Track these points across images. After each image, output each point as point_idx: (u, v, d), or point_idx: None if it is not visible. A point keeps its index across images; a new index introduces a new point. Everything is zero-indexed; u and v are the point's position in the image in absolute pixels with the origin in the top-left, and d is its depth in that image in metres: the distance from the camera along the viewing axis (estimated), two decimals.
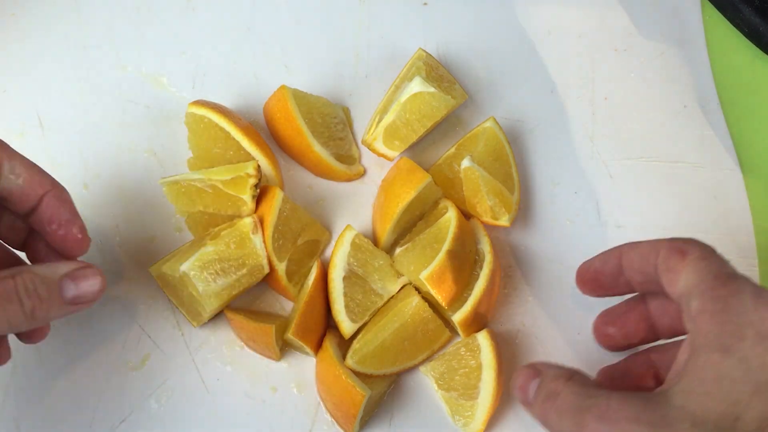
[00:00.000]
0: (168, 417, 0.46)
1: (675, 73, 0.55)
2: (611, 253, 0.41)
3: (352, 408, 0.43)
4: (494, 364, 0.44)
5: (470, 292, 0.46)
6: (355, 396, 0.43)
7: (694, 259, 0.35)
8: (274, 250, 0.46)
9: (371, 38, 0.55)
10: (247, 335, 0.47)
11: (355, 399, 0.43)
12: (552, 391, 0.36)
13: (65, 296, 0.36)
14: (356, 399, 0.43)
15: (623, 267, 0.41)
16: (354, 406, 0.43)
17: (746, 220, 0.51)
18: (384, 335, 0.45)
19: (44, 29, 0.55)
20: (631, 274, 0.40)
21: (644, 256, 0.39)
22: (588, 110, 0.54)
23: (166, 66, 0.54)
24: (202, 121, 0.49)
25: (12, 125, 0.52)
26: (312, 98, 0.51)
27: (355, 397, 0.43)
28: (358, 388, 0.43)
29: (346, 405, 0.43)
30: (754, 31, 0.54)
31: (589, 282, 0.43)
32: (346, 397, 0.43)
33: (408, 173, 0.48)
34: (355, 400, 0.43)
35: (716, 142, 0.53)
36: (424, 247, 0.47)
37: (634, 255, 0.40)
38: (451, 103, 0.49)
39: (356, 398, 0.43)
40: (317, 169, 0.51)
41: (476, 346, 0.45)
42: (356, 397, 0.43)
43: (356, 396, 0.43)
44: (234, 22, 0.55)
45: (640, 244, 0.40)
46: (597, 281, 0.43)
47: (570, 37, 0.56)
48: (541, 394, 0.37)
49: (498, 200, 0.48)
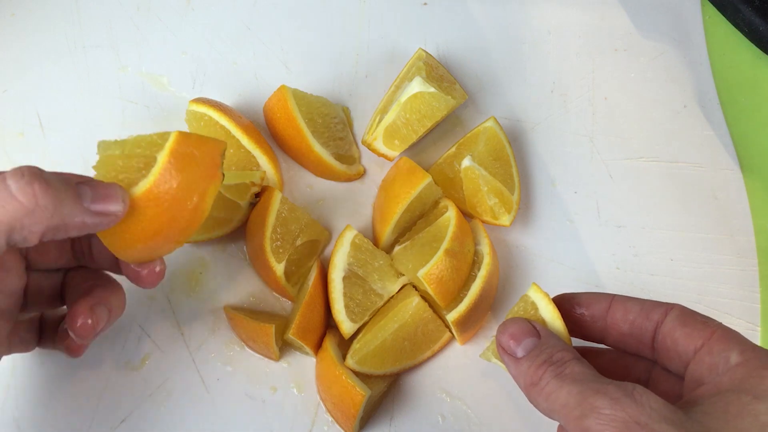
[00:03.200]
0: (168, 417, 0.46)
1: (675, 73, 0.55)
2: (601, 297, 0.41)
3: (352, 408, 0.43)
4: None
5: (467, 292, 0.46)
6: (355, 396, 0.43)
7: (722, 325, 0.36)
8: (272, 251, 0.46)
9: (371, 38, 0.55)
10: (247, 335, 0.47)
11: (355, 399, 0.43)
12: (558, 358, 0.35)
13: (83, 200, 0.35)
14: (356, 399, 0.43)
15: (610, 314, 0.40)
16: (354, 406, 0.43)
17: (746, 220, 0.51)
18: (384, 335, 0.45)
19: (44, 29, 0.55)
20: (617, 323, 0.40)
21: (646, 309, 0.38)
22: (588, 110, 0.54)
23: (166, 66, 0.54)
24: (203, 118, 0.49)
25: (12, 125, 0.52)
26: (312, 98, 0.51)
27: (355, 397, 0.43)
28: (358, 388, 0.43)
29: (346, 405, 0.43)
30: (754, 30, 0.54)
31: (564, 314, 0.41)
32: (346, 397, 0.43)
33: (408, 173, 0.48)
34: (355, 400, 0.43)
35: (716, 142, 0.53)
36: (422, 246, 0.47)
37: (633, 305, 0.39)
38: (451, 103, 0.49)
39: (356, 398, 0.43)
40: (317, 169, 0.51)
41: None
42: (356, 397, 0.43)
43: (356, 396, 0.43)
44: (234, 22, 0.55)
45: (638, 299, 0.40)
46: (573, 317, 0.41)
47: (570, 37, 0.56)
48: (541, 356, 0.36)
49: (498, 200, 0.48)
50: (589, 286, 0.49)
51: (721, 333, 0.35)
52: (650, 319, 0.38)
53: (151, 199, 0.36)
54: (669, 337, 0.37)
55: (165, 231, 0.37)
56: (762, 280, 0.50)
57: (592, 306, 0.40)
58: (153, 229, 0.36)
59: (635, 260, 0.50)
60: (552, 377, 0.35)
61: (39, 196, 0.32)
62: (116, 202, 0.35)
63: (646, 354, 0.39)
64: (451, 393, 0.47)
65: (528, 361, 0.36)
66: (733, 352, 0.34)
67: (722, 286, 0.50)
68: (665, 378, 0.39)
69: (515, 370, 0.37)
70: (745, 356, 0.34)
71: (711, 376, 0.34)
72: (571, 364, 0.35)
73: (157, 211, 0.36)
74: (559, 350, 0.36)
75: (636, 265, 0.50)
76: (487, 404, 0.47)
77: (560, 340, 0.38)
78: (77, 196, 0.34)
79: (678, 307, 0.38)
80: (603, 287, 0.49)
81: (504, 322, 0.39)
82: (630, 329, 0.39)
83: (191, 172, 0.36)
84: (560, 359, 0.35)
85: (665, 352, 0.38)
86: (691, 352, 0.36)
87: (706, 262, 0.50)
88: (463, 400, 0.47)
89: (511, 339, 0.38)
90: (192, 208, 0.37)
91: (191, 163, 0.36)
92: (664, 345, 0.38)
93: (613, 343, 0.40)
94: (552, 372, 0.35)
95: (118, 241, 0.37)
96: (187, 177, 0.36)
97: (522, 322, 0.38)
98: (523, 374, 0.36)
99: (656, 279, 0.50)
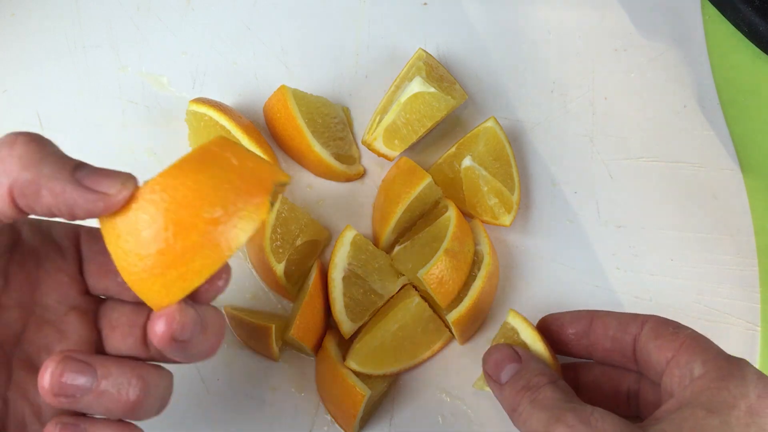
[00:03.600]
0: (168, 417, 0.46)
1: (675, 73, 0.55)
2: (582, 314, 0.42)
3: (352, 408, 0.43)
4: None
5: (467, 292, 0.46)
6: (355, 396, 0.43)
7: (691, 333, 0.37)
8: (272, 251, 0.46)
9: (371, 38, 0.55)
10: (247, 335, 0.47)
11: (355, 399, 0.43)
12: (534, 383, 0.36)
13: (76, 171, 0.30)
14: (356, 399, 0.43)
15: (592, 331, 0.41)
16: (354, 406, 0.43)
17: (746, 220, 0.51)
18: (384, 335, 0.45)
19: (44, 29, 0.55)
20: (599, 340, 0.40)
21: (623, 323, 0.39)
22: (588, 110, 0.54)
23: (166, 66, 0.54)
24: (203, 118, 0.49)
25: (12, 125, 0.52)
26: (312, 98, 0.51)
27: (355, 397, 0.43)
28: (358, 388, 0.43)
29: (346, 405, 0.43)
30: (754, 30, 0.54)
31: (550, 335, 0.43)
32: (346, 397, 0.43)
33: (408, 173, 0.48)
34: (355, 400, 0.43)
35: (716, 142, 0.53)
36: (422, 246, 0.47)
37: (611, 320, 0.40)
38: (451, 103, 0.49)
39: (356, 398, 0.43)
40: (317, 169, 0.51)
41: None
42: (356, 397, 0.42)
43: (356, 396, 0.42)
44: (234, 21, 0.55)
45: (616, 313, 0.40)
46: (559, 338, 0.42)
47: (570, 37, 0.56)
48: (520, 382, 0.37)
49: (498, 200, 0.48)
50: (589, 287, 0.49)
51: (688, 343, 0.36)
52: (628, 332, 0.39)
53: (156, 190, 0.30)
54: (645, 350, 0.38)
55: (170, 238, 0.29)
56: (762, 280, 0.50)
57: (575, 324, 0.41)
58: (155, 231, 0.29)
59: (635, 260, 0.50)
60: (527, 403, 0.36)
61: (18, 145, 0.29)
62: (113, 183, 0.30)
63: (631, 367, 0.40)
64: (451, 393, 0.47)
65: (509, 387, 0.37)
66: (696, 363, 0.35)
67: (722, 286, 0.50)
68: (653, 389, 0.39)
69: (500, 396, 0.38)
70: (706, 367, 0.34)
71: (678, 389, 0.35)
72: (544, 389, 0.36)
73: (161, 206, 0.29)
74: (537, 375, 0.37)
75: (636, 265, 0.50)
76: (486, 405, 0.47)
77: (540, 363, 0.38)
78: (68, 164, 0.30)
79: (653, 318, 0.38)
80: (603, 287, 0.49)
81: (488, 349, 0.40)
82: (612, 344, 0.40)
83: (219, 177, 0.30)
84: (536, 384, 0.36)
85: (645, 365, 0.38)
86: (664, 364, 0.36)
87: (706, 262, 0.50)
88: (463, 400, 0.47)
89: (495, 366, 0.39)
90: (209, 221, 0.29)
91: (223, 167, 0.30)
92: (642, 358, 0.38)
93: (600, 358, 0.41)
94: (528, 398, 0.36)
95: (120, 246, 0.30)
96: (211, 179, 0.29)
97: (504, 349, 0.39)
98: (506, 400, 0.37)
99: (656, 279, 0.50)
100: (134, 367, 0.33)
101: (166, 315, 0.30)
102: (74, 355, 0.32)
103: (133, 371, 0.33)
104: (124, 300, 0.36)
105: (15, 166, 0.29)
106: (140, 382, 0.32)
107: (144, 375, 0.33)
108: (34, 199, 0.29)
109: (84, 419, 0.32)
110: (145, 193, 0.30)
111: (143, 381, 0.33)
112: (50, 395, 0.31)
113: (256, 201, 0.30)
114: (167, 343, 0.31)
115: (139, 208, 0.30)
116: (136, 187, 0.30)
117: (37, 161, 0.29)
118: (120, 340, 0.35)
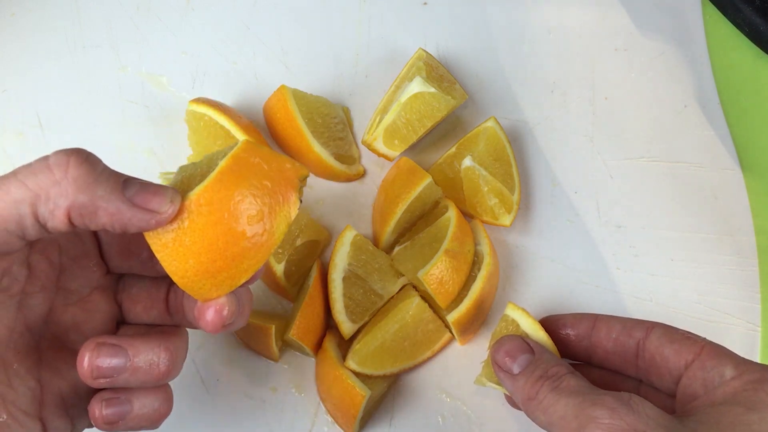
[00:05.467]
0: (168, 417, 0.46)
1: (675, 73, 0.55)
2: (585, 317, 0.42)
3: (352, 408, 0.43)
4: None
5: (467, 292, 0.46)
6: (355, 396, 0.43)
7: (708, 340, 0.37)
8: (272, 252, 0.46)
9: (371, 38, 0.55)
10: (247, 335, 0.47)
11: (355, 399, 0.43)
12: (553, 373, 0.36)
13: (126, 189, 0.32)
14: (356, 399, 0.43)
15: (594, 334, 0.41)
16: (354, 406, 0.43)
17: (746, 220, 0.51)
18: (384, 335, 0.45)
19: (44, 29, 0.55)
20: (600, 342, 0.41)
21: (628, 327, 0.40)
22: (588, 110, 0.54)
23: (166, 66, 0.54)
24: (202, 118, 0.49)
25: (12, 125, 0.52)
26: (312, 98, 0.51)
27: (355, 397, 0.43)
28: (358, 388, 0.43)
29: (346, 405, 0.43)
30: (755, 30, 0.54)
31: (550, 335, 0.42)
32: (346, 397, 0.43)
33: (408, 173, 0.48)
34: (355, 401, 0.43)
35: (716, 142, 0.53)
36: (422, 246, 0.47)
37: (615, 324, 0.40)
38: (451, 103, 0.49)
39: (356, 398, 0.43)
40: (317, 169, 0.51)
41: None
42: (356, 397, 0.43)
43: (356, 396, 0.43)
44: (234, 21, 0.55)
45: (621, 317, 0.41)
46: (559, 338, 0.42)
47: (570, 37, 0.56)
48: (536, 372, 0.37)
49: (498, 200, 0.48)
50: (590, 287, 0.49)
51: (710, 348, 0.37)
52: (632, 336, 0.39)
53: (203, 204, 0.32)
54: (657, 354, 0.38)
55: (221, 247, 0.33)
56: (762, 280, 0.50)
57: (577, 326, 0.42)
58: (206, 242, 0.32)
59: (635, 260, 0.50)
60: (549, 391, 0.36)
61: (71, 167, 0.31)
62: (162, 201, 0.32)
63: (630, 371, 0.40)
64: (451, 393, 0.47)
65: (524, 377, 0.37)
66: (728, 367, 0.35)
67: (722, 286, 0.50)
68: (652, 394, 0.40)
69: (512, 386, 0.38)
70: (739, 370, 0.35)
71: (705, 390, 0.36)
72: (567, 377, 0.36)
73: (210, 219, 0.32)
74: (554, 365, 0.37)
75: (636, 265, 0.50)
76: (486, 405, 0.47)
77: (554, 356, 0.39)
78: (119, 183, 0.32)
79: (660, 325, 0.39)
80: (603, 287, 0.49)
81: (498, 340, 0.40)
82: (614, 347, 0.40)
83: (256, 186, 0.33)
84: (556, 373, 0.37)
85: (654, 369, 0.39)
86: (682, 368, 0.37)
87: (706, 262, 0.50)
88: (463, 400, 0.47)
89: (507, 356, 0.39)
90: (254, 228, 0.33)
91: (257, 175, 0.33)
92: (652, 362, 0.39)
93: (599, 361, 0.41)
94: (549, 386, 0.36)
95: (170, 254, 0.33)
96: (249, 188, 0.33)
97: (516, 339, 0.39)
98: (521, 390, 0.37)
99: (656, 279, 0.50)
100: (159, 340, 0.36)
101: (216, 305, 0.34)
102: (107, 340, 0.35)
103: (160, 345, 0.36)
104: (142, 275, 0.39)
105: (71, 189, 0.31)
106: (167, 353, 0.36)
107: (169, 346, 0.36)
108: (90, 219, 0.32)
109: (123, 391, 0.35)
110: (191, 206, 0.33)
111: (169, 352, 0.36)
112: (90, 378, 0.34)
113: (289, 201, 0.34)
114: (217, 329, 0.34)
115: (187, 219, 0.33)
116: (181, 202, 0.33)
117: (91, 183, 0.31)
118: (143, 312, 0.38)
